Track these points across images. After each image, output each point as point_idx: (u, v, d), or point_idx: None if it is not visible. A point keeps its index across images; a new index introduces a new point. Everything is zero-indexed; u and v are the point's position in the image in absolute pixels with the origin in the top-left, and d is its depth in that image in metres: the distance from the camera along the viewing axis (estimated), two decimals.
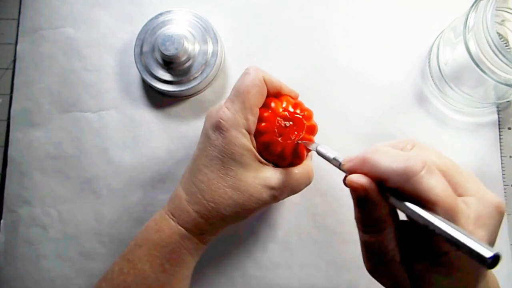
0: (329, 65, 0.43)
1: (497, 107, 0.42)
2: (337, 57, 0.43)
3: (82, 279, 0.41)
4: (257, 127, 0.32)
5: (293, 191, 0.34)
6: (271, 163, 0.33)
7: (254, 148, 0.32)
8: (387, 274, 0.25)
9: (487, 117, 0.42)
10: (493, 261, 0.18)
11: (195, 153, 0.34)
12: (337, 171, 0.27)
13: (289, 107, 0.33)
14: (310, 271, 0.40)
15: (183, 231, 0.32)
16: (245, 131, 0.31)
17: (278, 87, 0.34)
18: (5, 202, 0.43)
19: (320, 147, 0.30)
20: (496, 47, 0.31)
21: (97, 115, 0.43)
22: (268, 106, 0.33)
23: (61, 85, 0.44)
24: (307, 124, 0.33)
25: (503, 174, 0.41)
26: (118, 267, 0.32)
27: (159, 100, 0.43)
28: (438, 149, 0.40)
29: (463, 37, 0.34)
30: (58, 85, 0.44)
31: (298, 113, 0.33)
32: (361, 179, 0.23)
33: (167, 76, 0.40)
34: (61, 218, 0.42)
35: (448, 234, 0.20)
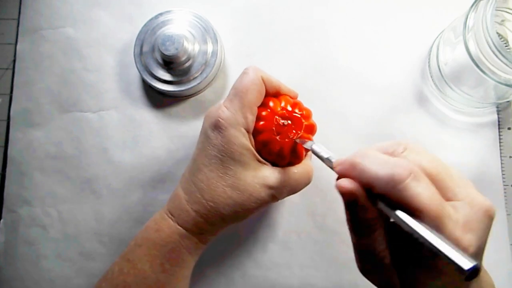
0: (329, 65, 0.43)
1: (497, 107, 0.42)
2: (337, 57, 0.43)
3: (82, 279, 0.41)
4: (255, 126, 0.32)
5: (292, 190, 0.34)
6: (270, 163, 0.33)
7: (253, 147, 0.32)
8: (377, 274, 0.26)
9: (487, 117, 0.42)
10: (472, 273, 0.18)
11: (195, 152, 0.34)
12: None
13: (287, 106, 0.33)
14: (310, 271, 0.40)
15: (182, 230, 0.32)
16: (244, 130, 0.31)
17: (277, 87, 0.33)
18: (5, 202, 0.43)
19: (315, 146, 0.30)
20: (496, 47, 0.31)
21: (97, 115, 0.43)
22: (266, 105, 0.33)
23: (61, 85, 0.44)
24: (306, 123, 0.33)
25: (503, 174, 0.41)
26: (118, 267, 0.32)
27: (159, 100, 0.43)
28: (438, 149, 0.41)
29: (463, 37, 0.34)
30: (58, 85, 0.44)
31: (296, 112, 0.33)
32: (349, 185, 0.23)
33: (167, 76, 0.40)
34: (61, 218, 0.42)
35: (430, 243, 0.20)
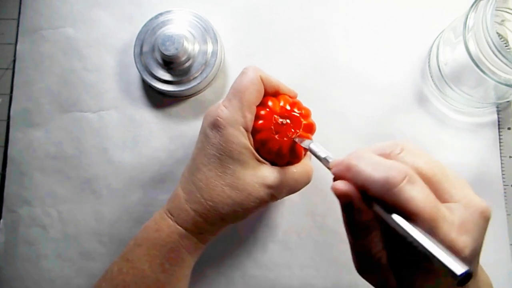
0: (329, 65, 0.43)
1: (497, 107, 0.42)
2: (337, 57, 0.43)
3: (82, 279, 0.41)
4: (254, 125, 0.32)
5: (292, 190, 0.34)
6: (269, 162, 0.33)
7: (252, 146, 0.32)
8: (374, 274, 0.26)
9: (487, 117, 0.42)
10: (464, 278, 0.18)
11: (194, 152, 0.34)
12: None
13: (286, 106, 0.33)
14: (310, 271, 0.40)
15: (181, 230, 0.32)
16: (242, 129, 0.31)
17: (276, 87, 0.33)
18: (5, 202, 0.43)
19: (312, 145, 0.29)
20: (496, 47, 0.31)
21: (97, 115, 0.43)
22: (265, 104, 0.33)
23: (61, 85, 0.44)
24: (305, 122, 0.33)
25: (503, 174, 0.41)
26: (117, 266, 0.32)
27: (159, 100, 0.43)
28: (438, 149, 0.41)
29: (463, 37, 0.34)
30: (58, 85, 0.44)
31: (295, 111, 0.33)
32: (344, 187, 0.23)
33: (167, 76, 0.40)
34: (61, 218, 0.42)
35: (423, 247, 0.20)
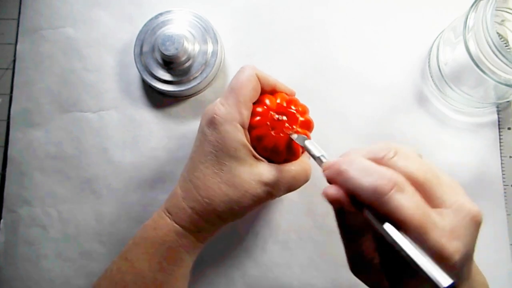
0: (329, 65, 0.43)
1: (497, 107, 0.42)
2: (337, 57, 0.43)
3: (82, 279, 0.41)
4: (250, 121, 0.32)
5: (290, 188, 0.33)
6: (266, 160, 0.33)
7: (248, 142, 0.32)
8: (366, 275, 0.26)
9: (487, 117, 0.42)
10: None
11: (192, 150, 0.34)
12: None
13: (283, 103, 0.33)
14: (310, 271, 0.40)
15: (179, 228, 0.32)
16: (239, 125, 0.31)
17: (273, 85, 0.34)
18: (5, 202, 0.43)
19: (307, 142, 0.29)
20: (496, 47, 0.31)
21: (97, 115, 0.43)
22: (262, 102, 0.33)
23: (61, 85, 0.44)
24: (302, 118, 0.33)
25: (503, 174, 0.41)
26: (116, 265, 0.32)
27: (159, 100, 0.43)
28: (438, 149, 0.41)
29: (463, 37, 0.34)
30: (58, 85, 0.44)
31: (291, 107, 0.33)
32: (334, 193, 0.23)
33: (167, 76, 0.40)
34: (61, 218, 0.42)
35: (409, 258, 0.20)
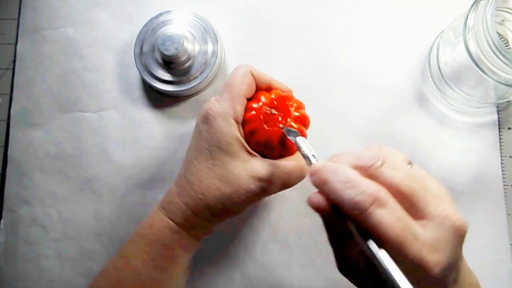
0: (329, 65, 0.43)
1: (497, 107, 0.42)
2: (337, 57, 0.43)
3: (82, 279, 0.41)
4: (244, 117, 0.32)
5: (285, 184, 0.33)
6: (260, 155, 0.33)
7: (242, 137, 0.32)
8: (352, 275, 0.26)
9: (487, 117, 0.42)
10: None
11: (188, 147, 0.34)
12: None
13: (277, 97, 0.33)
14: (310, 271, 0.40)
15: (173, 225, 0.32)
16: (232, 120, 0.31)
17: (268, 82, 0.34)
18: (5, 202, 0.43)
19: (299, 139, 0.29)
20: (496, 47, 0.31)
21: (97, 115, 0.43)
22: (257, 98, 0.33)
23: (61, 85, 0.44)
24: (296, 113, 0.33)
25: (503, 174, 0.41)
26: (113, 263, 0.33)
27: (159, 100, 0.43)
28: (438, 149, 0.41)
29: (463, 37, 0.34)
30: (58, 85, 0.44)
31: (285, 102, 0.33)
32: (319, 201, 0.24)
33: (167, 76, 0.40)
34: (61, 218, 0.42)
35: (386, 274, 0.21)
